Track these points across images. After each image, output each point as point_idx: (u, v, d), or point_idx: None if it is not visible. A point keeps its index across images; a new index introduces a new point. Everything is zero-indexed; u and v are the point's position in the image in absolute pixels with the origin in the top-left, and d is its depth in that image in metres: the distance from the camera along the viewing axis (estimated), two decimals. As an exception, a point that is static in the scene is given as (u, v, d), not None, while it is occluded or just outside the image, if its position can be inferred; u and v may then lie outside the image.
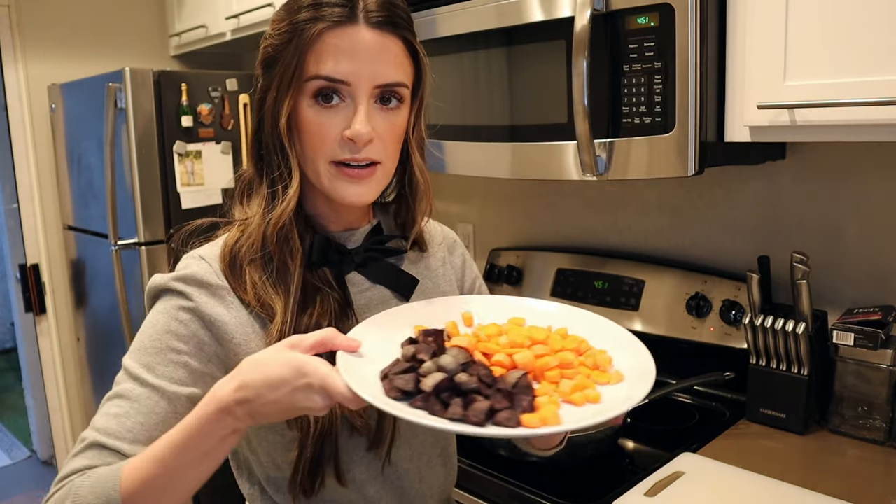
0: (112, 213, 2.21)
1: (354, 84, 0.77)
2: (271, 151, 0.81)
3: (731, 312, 1.49)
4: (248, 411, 0.65)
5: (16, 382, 3.90)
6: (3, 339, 5.14)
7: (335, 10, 0.76)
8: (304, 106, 0.78)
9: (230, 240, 0.82)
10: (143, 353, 0.77)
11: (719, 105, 1.15)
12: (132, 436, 0.73)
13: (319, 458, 0.80)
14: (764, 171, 1.48)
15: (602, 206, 1.79)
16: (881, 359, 1.25)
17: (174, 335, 0.78)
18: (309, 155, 0.80)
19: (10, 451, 3.59)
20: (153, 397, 0.75)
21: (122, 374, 0.78)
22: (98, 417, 0.75)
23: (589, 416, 0.64)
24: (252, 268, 0.80)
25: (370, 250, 0.88)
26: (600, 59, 1.19)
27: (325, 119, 0.78)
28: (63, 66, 2.60)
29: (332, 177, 0.80)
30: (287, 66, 0.77)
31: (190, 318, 0.78)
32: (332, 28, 0.76)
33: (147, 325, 0.80)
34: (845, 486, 1.11)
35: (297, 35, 0.77)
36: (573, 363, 0.71)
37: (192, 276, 0.80)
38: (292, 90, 0.77)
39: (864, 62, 0.99)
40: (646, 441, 1.36)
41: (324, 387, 0.63)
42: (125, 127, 2.14)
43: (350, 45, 0.76)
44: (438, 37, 1.47)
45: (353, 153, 0.78)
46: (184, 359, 0.77)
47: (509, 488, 1.19)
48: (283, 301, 0.79)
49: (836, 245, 1.41)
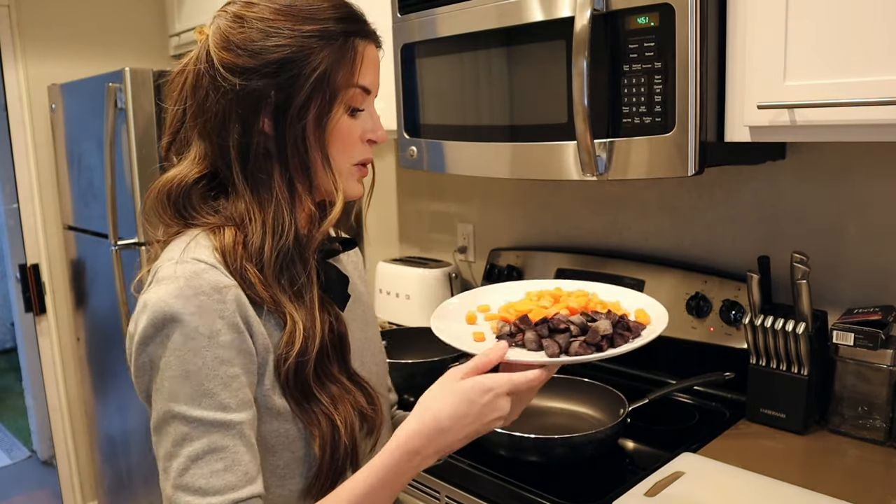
0: (112, 213, 2.21)
1: (373, 94, 0.85)
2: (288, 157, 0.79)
3: (731, 312, 1.49)
4: (438, 451, 0.76)
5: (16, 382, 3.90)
6: (3, 339, 5.15)
7: (364, 26, 0.83)
8: (339, 113, 0.82)
9: (227, 242, 0.78)
10: (205, 396, 0.72)
11: (719, 105, 1.15)
12: (251, 475, 0.73)
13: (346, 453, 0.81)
14: (764, 171, 1.48)
15: (602, 206, 1.79)
16: (881, 359, 1.25)
17: (228, 363, 0.73)
18: (337, 158, 0.83)
19: (10, 451, 3.60)
20: (244, 432, 0.74)
21: (196, 426, 0.71)
22: (202, 483, 0.70)
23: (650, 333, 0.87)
24: (256, 269, 0.78)
25: (320, 251, 0.89)
26: (600, 59, 1.19)
27: (355, 124, 0.84)
28: (63, 66, 2.60)
29: (353, 176, 0.86)
30: (329, 73, 0.79)
31: (230, 338, 0.73)
32: (368, 42, 0.83)
33: (194, 366, 0.72)
34: (845, 486, 1.11)
35: (338, 44, 0.79)
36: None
37: (207, 285, 0.74)
38: (336, 98, 0.80)
39: (864, 62, 0.99)
40: (646, 441, 1.36)
41: (512, 386, 0.76)
42: (125, 127, 2.14)
43: (375, 58, 0.85)
44: (438, 37, 1.47)
45: (370, 154, 0.87)
46: (242, 379, 0.74)
47: (509, 488, 1.19)
48: (301, 307, 0.80)
49: (836, 245, 1.41)
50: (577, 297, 0.94)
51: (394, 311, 2.13)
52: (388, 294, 2.14)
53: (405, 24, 1.54)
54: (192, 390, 0.71)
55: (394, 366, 1.34)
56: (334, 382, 0.82)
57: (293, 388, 0.78)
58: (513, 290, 1.00)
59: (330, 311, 0.83)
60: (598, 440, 1.24)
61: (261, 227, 0.78)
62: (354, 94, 0.82)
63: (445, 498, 1.30)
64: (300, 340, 0.77)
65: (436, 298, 2.03)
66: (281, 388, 0.78)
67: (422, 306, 2.05)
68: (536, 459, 1.24)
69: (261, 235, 0.78)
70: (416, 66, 1.55)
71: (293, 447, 0.80)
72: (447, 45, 1.46)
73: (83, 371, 2.74)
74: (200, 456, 0.71)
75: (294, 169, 0.80)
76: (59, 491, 2.81)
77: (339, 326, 0.84)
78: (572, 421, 1.40)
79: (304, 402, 0.79)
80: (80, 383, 2.78)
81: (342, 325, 0.84)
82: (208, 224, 0.80)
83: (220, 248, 0.77)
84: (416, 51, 1.54)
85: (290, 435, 0.79)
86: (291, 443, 0.79)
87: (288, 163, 0.80)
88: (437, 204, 2.24)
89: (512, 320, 0.88)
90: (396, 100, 1.61)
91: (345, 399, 0.82)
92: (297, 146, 0.79)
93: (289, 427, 0.79)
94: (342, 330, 0.84)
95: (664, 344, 1.59)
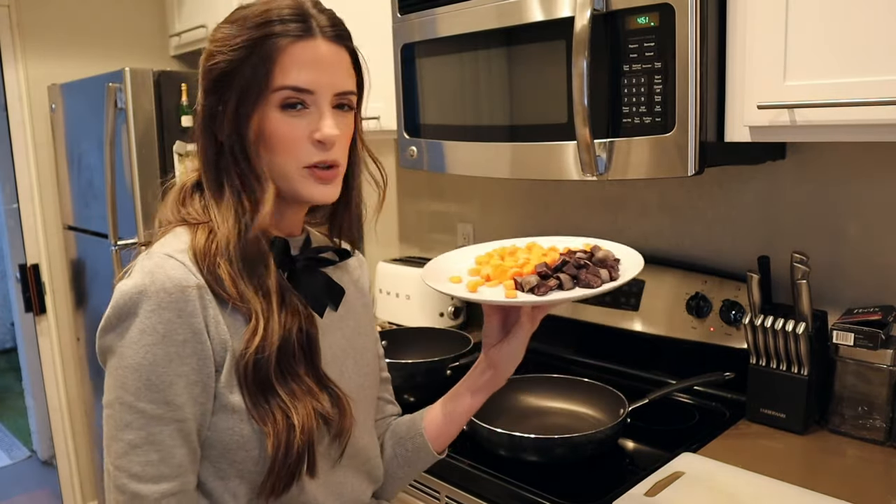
0: (112, 213, 2.21)
1: (317, 92, 0.82)
2: (233, 161, 0.84)
3: (731, 312, 1.49)
4: None
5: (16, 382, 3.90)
6: (3, 339, 5.15)
7: (293, 25, 0.81)
8: (271, 115, 0.82)
9: (200, 238, 0.82)
10: (151, 391, 0.76)
11: (719, 105, 1.15)
12: (184, 469, 0.78)
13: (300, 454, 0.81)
14: (764, 171, 1.48)
15: (602, 206, 1.79)
16: (881, 359, 1.25)
17: (179, 361, 0.76)
18: (279, 161, 0.83)
19: (10, 451, 3.60)
20: (184, 428, 0.78)
21: (139, 417, 0.76)
22: (136, 469, 0.76)
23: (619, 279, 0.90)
24: (227, 264, 0.81)
25: (309, 259, 0.92)
26: (600, 59, 1.19)
27: (294, 125, 0.82)
28: (63, 66, 2.60)
29: (304, 179, 0.84)
30: (250, 80, 0.81)
31: (184, 338, 0.76)
32: (294, 42, 0.81)
33: (145, 360, 0.76)
34: (845, 486, 1.11)
35: (258, 49, 0.81)
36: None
37: (171, 282, 0.76)
38: (259, 102, 0.81)
39: (864, 62, 0.99)
40: (646, 441, 1.36)
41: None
42: (125, 127, 2.14)
43: (311, 56, 0.82)
44: (438, 37, 1.47)
45: (323, 156, 0.84)
46: (192, 378, 0.77)
47: (509, 488, 1.19)
48: (263, 302, 0.81)
49: (836, 245, 1.41)
50: (535, 249, 0.99)
51: (394, 311, 2.13)
52: (388, 294, 2.14)
53: (405, 24, 1.54)
54: (140, 383, 0.76)
55: (394, 366, 1.34)
56: (297, 382, 0.83)
57: (251, 383, 0.79)
58: (462, 259, 1.01)
59: (301, 313, 0.84)
60: (598, 440, 1.24)
61: (225, 227, 0.82)
62: (286, 96, 0.81)
63: (445, 498, 1.30)
64: (259, 337, 0.79)
65: (436, 299, 2.03)
66: (238, 384, 0.79)
67: (422, 306, 2.05)
68: (536, 459, 1.24)
69: (225, 235, 0.82)
70: (416, 66, 1.55)
71: (248, 446, 0.80)
72: (447, 45, 1.46)
73: (83, 371, 2.74)
74: (139, 445, 0.76)
75: (246, 174, 0.83)
76: (59, 491, 2.81)
77: (310, 328, 0.85)
78: (572, 421, 1.40)
79: (261, 398, 0.80)
80: (80, 383, 2.78)
81: (313, 328, 0.85)
82: (193, 221, 0.85)
83: (193, 246, 0.82)
84: (416, 51, 1.54)
85: (244, 434, 0.80)
86: (246, 442, 0.80)
87: (240, 168, 0.84)
88: (437, 204, 2.24)
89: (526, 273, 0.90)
90: (396, 100, 1.61)
91: (306, 400, 0.82)
92: (243, 153, 0.83)
93: (243, 427, 0.80)
94: (312, 332, 0.85)
95: (664, 344, 1.60)
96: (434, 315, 2.04)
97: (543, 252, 0.97)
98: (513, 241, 1.04)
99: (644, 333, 1.61)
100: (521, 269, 0.90)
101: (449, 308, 2.04)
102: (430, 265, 0.99)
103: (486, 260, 0.98)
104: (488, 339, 0.95)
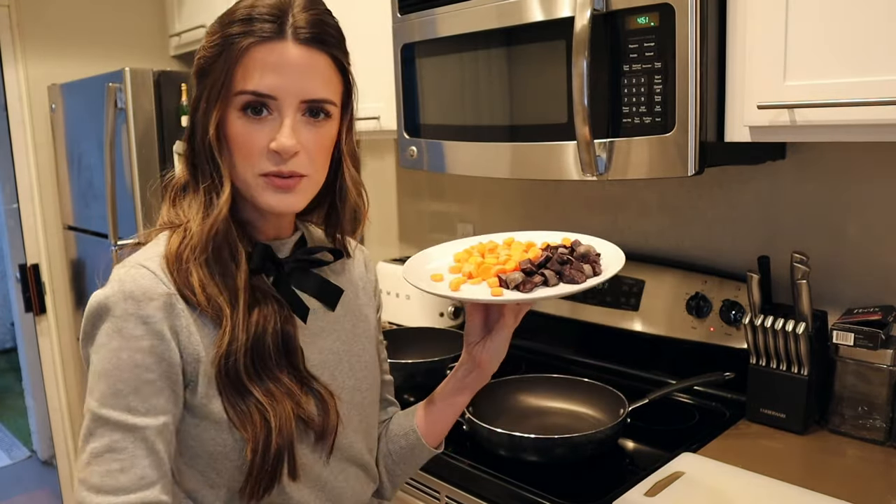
0: (112, 213, 2.21)
1: (281, 98, 0.79)
2: (203, 160, 0.83)
3: (731, 312, 1.49)
4: None
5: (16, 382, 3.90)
6: (3, 339, 5.15)
7: (265, 25, 0.78)
8: (232, 118, 0.80)
9: (173, 243, 0.81)
10: (116, 397, 0.75)
11: (719, 105, 1.15)
12: (147, 481, 0.74)
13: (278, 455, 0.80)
14: (764, 171, 1.48)
15: (602, 206, 1.79)
16: (881, 359, 1.25)
17: (143, 368, 0.75)
18: (238, 166, 0.82)
19: (10, 451, 3.60)
20: (147, 437, 0.75)
21: (101, 424, 0.74)
22: (96, 480, 0.73)
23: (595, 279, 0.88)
24: (197, 268, 0.80)
25: (299, 260, 0.90)
26: (600, 59, 1.19)
27: (253, 131, 0.80)
28: (63, 66, 2.60)
29: (261, 188, 0.81)
30: (216, 79, 0.79)
31: (150, 344, 0.76)
32: (259, 43, 0.78)
33: (110, 365, 0.75)
34: (845, 486, 1.11)
35: (227, 49, 0.79)
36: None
37: (139, 290, 0.77)
38: (220, 102, 0.80)
39: (864, 62, 0.99)
40: (646, 441, 1.36)
41: None
42: (125, 127, 2.14)
43: (276, 60, 0.78)
44: (438, 37, 1.47)
45: (279, 165, 0.80)
46: (158, 385, 0.76)
47: (509, 488, 1.19)
48: (229, 302, 0.80)
49: (836, 245, 1.41)
50: (515, 245, 0.98)
51: (394, 311, 2.13)
52: (388, 294, 2.14)
53: (405, 24, 1.54)
54: (104, 389, 0.75)
55: (394, 366, 1.34)
56: (275, 383, 0.82)
57: (224, 385, 0.79)
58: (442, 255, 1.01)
59: (277, 312, 0.83)
60: (598, 440, 1.24)
61: (194, 226, 0.81)
62: (245, 100, 0.79)
63: (445, 498, 1.30)
64: (227, 337, 0.78)
65: (436, 298, 2.03)
66: (217, 389, 0.79)
67: (422, 306, 2.05)
68: (536, 459, 1.24)
69: (194, 234, 0.81)
70: (416, 66, 1.55)
71: (231, 455, 0.80)
72: (447, 45, 1.46)
73: (83, 371, 2.74)
74: (100, 454, 0.74)
75: (213, 173, 0.82)
76: (59, 491, 2.81)
77: (286, 327, 0.83)
78: (572, 421, 1.40)
79: (238, 399, 0.79)
80: (80, 383, 2.78)
81: (290, 327, 0.84)
82: (177, 223, 0.84)
83: (166, 252, 0.81)
84: (416, 51, 1.54)
85: (227, 444, 0.80)
86: (230, 451, 0.80)
87: (209, 167, 0.83)
88: (437, 204, 2.24)
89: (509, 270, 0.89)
90: (396, 100, 1.61)
91: (285, 401, 0.81)
92: (210, 152, 0.82)
93: (226, 437, 0.79)
94: (289, 332, 0.84)
95: (664, 344, 1.60)
96: (434, 315, 2.04)
97: (524, 248, 0.96)
98: (490, 237, 1.04)
99: (644, 333, 1.61)
100: (505, 266, 0.90)
101: (449, 308, 2.04)
102: (410, 263, 0.97)
103: (465, 257, 0.97)
104: (471, 338, 0.94)
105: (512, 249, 0.97)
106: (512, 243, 1.00)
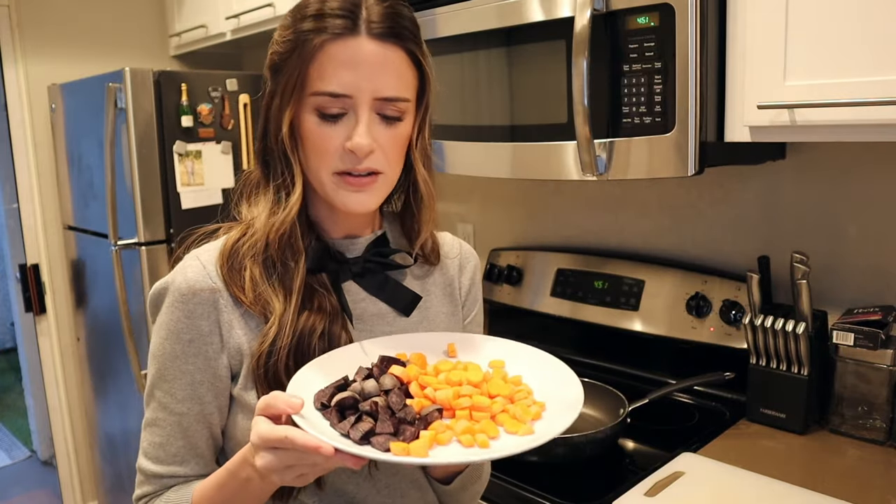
0: (112, 213, 2.21)
1: (356, 97, 0.77)
2: (275, 157, 0.82)
3: (731, 312, 1.49)
4: (260, 468, 0.67)
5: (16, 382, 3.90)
6: (3, 339, 5.14)
7: (337, 21, 0.76)
8: (306, 117, 0.78)
9: (232, 238, 0.83)
10: (162, 380, 0.81)
11: (719, 105, 1.15)
12: (180, 458, 0.81)
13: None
14: (764, 171, 1.48)
15: (602, 206, 1.79)
16: (881, 359, 1.25)
17: (183, 360, 0.80)
18: (312, 165, 0.81)
19: (10, 451, 3.60)
20: (183, 422, 0.81)
21: (152, 399, 0.82)
22: (145, 445, 0.83)
23: (462, 455, 0.66)
24: (253, 265, 0.81)
25: (369, 261, 0.87)
26: (600, 59, 1.19)
27: (327, 131, 0.78)
28: (63, 66, 2.60)
29: (336, 186, 0.80)
30: (290, 77, 0.78)
31: (190, 338, 0.80)
32: (333, 40, 0.76)
33: (158, 351, 0.81)
34: (845, 486, 1.11)
35: (300, 46, 0.77)
36: (488, 408, 0.72)
37: (186, 284, 0.80)
38: (293, 101, 0.78)
39: (864, 62, 0.99)
40: (646, 441, 1.36)
41: (258, 441, 0.66)
42: (125, 127, 2.14)
43: (351, 57, 0.76)
44: (438, 37, 1.47)
45: (354, 164, 0.78)
46: (198, 377, 0.80)
47: (509, 488, 1.19)
48: (282, 301, 0.80)
49: (836, 245, 1.41)
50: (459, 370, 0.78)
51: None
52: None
53: (405, 24, 1.54)
54: (154, 371, 0.82)
55: (394, 366, 1.34)
56: None
57: (262, 383, 0.79)
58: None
59: (329, 314, 0.81)
60: (598, 440, 1.24)
61: (259, 224, 0.82)
62: (321, 102, 0.77)
63: (445, 498, 1.30)
64: (271, 337, 0.79)
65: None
66: (254, 384, 0.80)
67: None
68: (536, 459, 1.24)
69: (258, 231, 0.82)
70: (416, 66, 1.55)
71: None
72: (447, 45, 1.46)
73: (83, 371, 2.74)
74: (149, 424, 0.83)
75: (285, 171, 0.82)
76: (59, 491, 2.81)
77: (334, 328, 0.81)
78: (572, 421, 1.40)
79: None
80: (80, 383, 2.78)
81: (340, 329, 0.82)
82: (239, 221, 0.86)
83: (223, 246, 0.83)
84: (416, 51, 1.53)
85: None
86: None
87: (281, 164, 0.82)
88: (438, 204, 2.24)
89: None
90: (396, 100, 1.61)
91: None
92: (282, 149, 0.81)
93: None
94: (336, 333, 0.81)
95: (664, 344, 1.60)
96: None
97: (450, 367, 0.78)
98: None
99: (644, 333, 1.61)
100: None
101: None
102: (296, 379, 0.74)
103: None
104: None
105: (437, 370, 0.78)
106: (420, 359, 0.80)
